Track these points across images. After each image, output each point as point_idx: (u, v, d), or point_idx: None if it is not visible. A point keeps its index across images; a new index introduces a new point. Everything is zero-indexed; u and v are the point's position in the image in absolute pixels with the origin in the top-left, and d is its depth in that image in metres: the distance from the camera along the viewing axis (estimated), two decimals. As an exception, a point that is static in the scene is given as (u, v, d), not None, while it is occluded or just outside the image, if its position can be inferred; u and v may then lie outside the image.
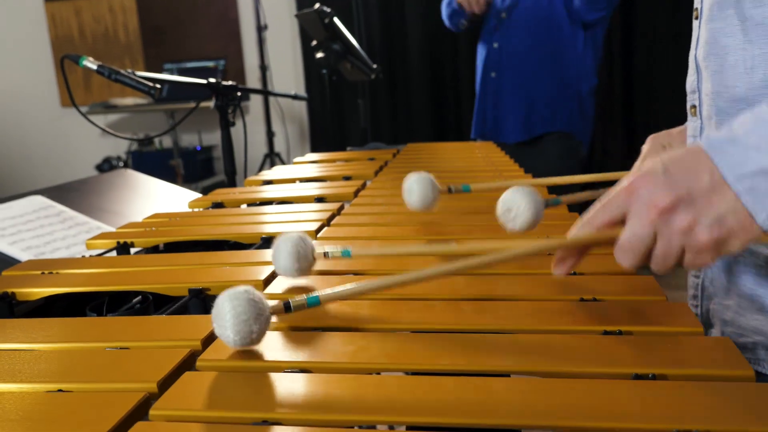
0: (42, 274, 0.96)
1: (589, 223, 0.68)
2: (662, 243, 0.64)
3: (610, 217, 0.67)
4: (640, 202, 0.64)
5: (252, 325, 0.62)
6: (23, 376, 0.63)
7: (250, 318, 0.62)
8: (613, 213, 0.67)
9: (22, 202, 1.59)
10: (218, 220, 1.23)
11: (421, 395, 0.55)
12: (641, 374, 0.57)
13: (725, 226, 0.62)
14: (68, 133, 5.00)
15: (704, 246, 0.63)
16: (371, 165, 1.68)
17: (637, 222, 0.64)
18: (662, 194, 0.63)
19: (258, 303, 0.63)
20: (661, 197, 0.63)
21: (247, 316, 0.62)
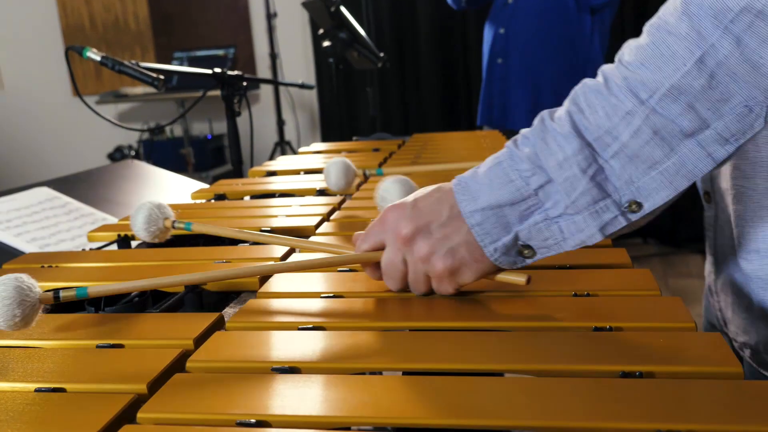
0: (42, 267, 0.97)
1: (357, 248, 0.77)
2: (410, 269, 0.72)
3: (371, 245, 0.75)
4: (390, 232, 0.72)
5: (15, 310, 0.67)
6: (16, 375, 0.63)
7: (14, 303, 0.67)
8: (374, 240, 0.75)
9: (28, 193, 1.60)
10: (219, 212, 1.23)
11: (408, 395, 0.55)
12: (628, 372, 0.57)
13: (457, 256, 0.69)
14: (80, 123, 5.02)
15: (441, 273, 0.70)
16: (375, 156, 1.68)
17: (389, 250, 0.73)
18: (405, 225, 0.70)
19: (25, 290, 0.68)
20: (404, 227, 0.70)
21: (10, 301, 0.67)
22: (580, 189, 0.64)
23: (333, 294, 0.78)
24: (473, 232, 0.68)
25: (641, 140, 0.62)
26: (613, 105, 0.63)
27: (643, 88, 0.62)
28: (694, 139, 0.62)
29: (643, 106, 0.62)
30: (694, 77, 0.60)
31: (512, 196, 0.66)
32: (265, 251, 0.96)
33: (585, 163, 0.63)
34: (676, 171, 0.63)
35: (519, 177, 0.66)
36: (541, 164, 0.65)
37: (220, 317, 0.74)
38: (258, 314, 0.74)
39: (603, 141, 0.63)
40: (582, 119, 0.64)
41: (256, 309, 0.76)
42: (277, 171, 1.59)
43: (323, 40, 2.49)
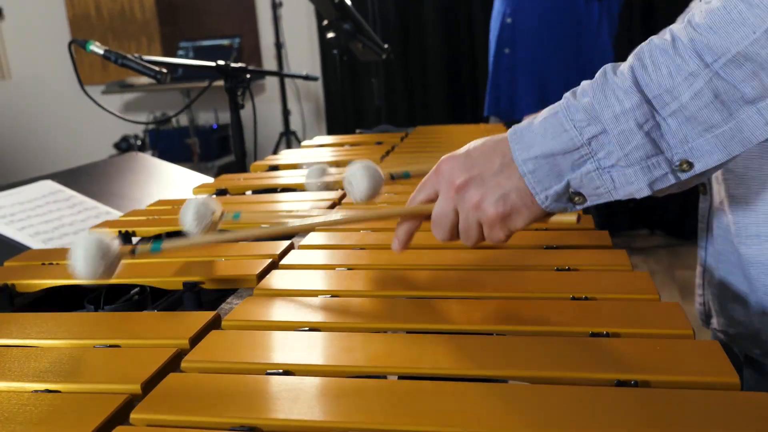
0: (42, 264, 0.97)
1: (411, 200, 0.80)
2: (462, 217, 0.75)
3: (425, 196, 0.78)
4: (443, 182, 0.75)
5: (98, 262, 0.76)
6: (13, 375, 0.64)
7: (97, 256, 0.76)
8: (428, 192, 0.78)
9: (32, 187, 1.60)
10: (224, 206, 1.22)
11: (399, 400, 0.55)
12: (624, 381, 0.56)
13: (509, 203, 0.71)
14: (87, 112, 4.99)
15: (493, 219, 0.72)
16: (378, 150, 1.68)
17: (441, 199, 0.75)
18: (459, 174, 0.73)
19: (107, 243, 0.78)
20: (457, 176, 0.73)
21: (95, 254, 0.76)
22: (634, 143, 0.65)
23: (330, 294, 0.78)
24: (525, 179, 0.70)
25: (701, 102, 0.63)
26: (677, 65, 0.64)
27: (709, 51, 0.62)
28: (755, 106, 0.62)
29: (708, 69, 0.62)
30: (762, 45, 0.60)
31: (565, 145, 0.67)
32: (263, 248, 0.95)
33: (642, 118, 0.65)
34: (731, 136, 0.64)
35: (573, 127, 0.67)
36: (597, 115, 0.66)
37: (217, 316, 0.74)
38: (254, 312, 0.74)
39: (662, 99, 0.64)
40: (644, 75, 0.65)
41: (253, 307, 0.76)
42: (280, 165, 1.59)
43: (327, 32, 2.48)
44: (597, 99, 0.66)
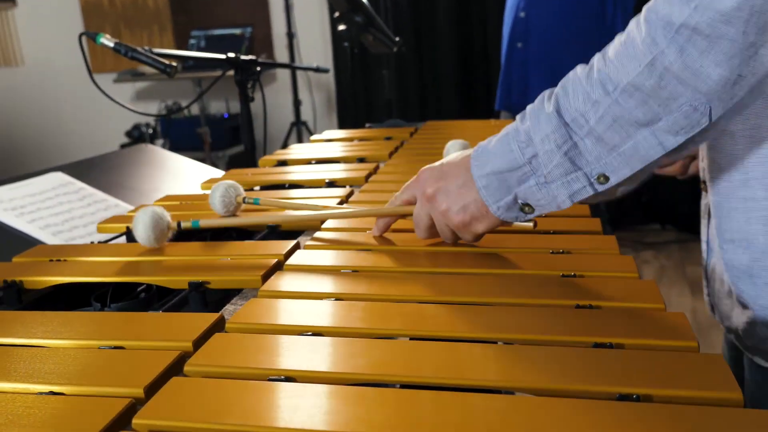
0: (50, 261, 0.98)
1: (393, 200, 0.95)
2: (436, 221, 0.88)
3: (406, 198, 0.92)
4: (419, 189, 0.88)
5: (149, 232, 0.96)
6: (18, 376, 0.64)
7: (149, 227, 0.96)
8: (408, 196, 0.92)
9: (42, 179, 1.61)
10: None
11: (397, 411, 0.55)
12: (625, 394, 0.56)
13: (468, 212, 0.84)
14: (99, 99, 5.02)
15: (457, 226, 0.85)
16: (387, 145, 1.67)
17: (418, 205, 0.89)
18: (431, 183, 0.86)
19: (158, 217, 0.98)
20: (429, 186, 0.86)
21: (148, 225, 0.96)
22: (554, 161, 0.76)
23: (335, 297, 0.78)
24: (480, 193, 0.82)
25: (604, 125, 0.73)
26: (587, 93, 0.74)
27: (609, 81, 0.72)
28: (649, 128, 0.71)
29: (608, 97, 0.72)
30: (646, 77, 0.69)
31: (511, 164, 0.79)
32: (268, 248, 0.96)
33: (561, 140, 0.75)
34: (631, 154, 0.73)
35: (517, 148, 0.78)
36: (532, 138, 0.77)
37: (221, 318, 0.74)
38: (258, 315, 0.74)
39: (578, 122, 0.74)
40: (565, 101, 0.75)
41: (257, 309, 0.76)
42: (288, 160, 1.59)
43: (339, 24, 2.47)
44: (532, 123, 0.77)
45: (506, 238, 0.95)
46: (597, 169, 0.75)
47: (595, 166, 0.75)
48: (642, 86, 0.69)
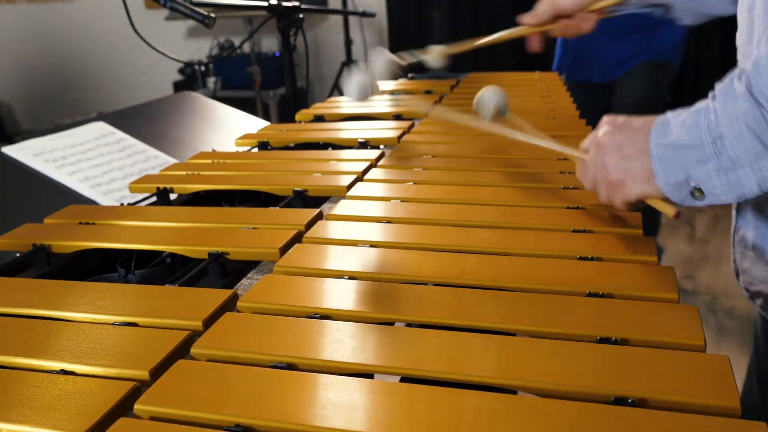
0: (79, 224, 1.00)
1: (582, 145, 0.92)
2: (595, 171, 0.86)
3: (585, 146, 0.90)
4: (595, 139, 0.86)
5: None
6: (34, 351, 0.66)
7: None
8: (586, 144, 0.90)
9: (84, 129, 1.64)
10: (258, 165, 1.23)
11: (393, 405, 0.56)
12: (621, 398, 0.55)
13: (629, 173, 0.80)
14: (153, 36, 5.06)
15: (610, 182, 0.83)
16: (425, 100, 1.65)
17: (590, 153, 0.87)
18: (607, 133, 0.83)
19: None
20: (604, 135, 0.83)
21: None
22: (744, 144, 0.70)
23: (348, 275, 0.78)
24: (653, 162, 0.77)
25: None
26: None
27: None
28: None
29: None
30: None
31: (695, 141, 0.73)
32: (290, 217, 0.96)
33: (753, 122, 0.69)
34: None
35: (706, 125, 0.73)
36: (719, 119, 0.72)
37: (234, 295, 0.75)
38: (269, 294, 0.75)
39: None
40: (757, 79, 0.69)
41: (270, 287, 0.77)
42: (325, 115, 1.58)
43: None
44: (720, 103, 0.72)
45: (532, 212, 0.94)
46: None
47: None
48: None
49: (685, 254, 3.33)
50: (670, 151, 0.76)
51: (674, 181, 0.76)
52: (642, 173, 0.79)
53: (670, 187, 0.77)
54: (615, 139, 0.82)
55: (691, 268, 3.20)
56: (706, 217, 3.67)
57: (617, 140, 0.81)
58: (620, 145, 0.81)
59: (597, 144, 0.84)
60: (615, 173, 0.81)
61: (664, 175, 0.77)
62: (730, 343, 2.57)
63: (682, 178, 0.75)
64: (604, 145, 0.83)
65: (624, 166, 0.80)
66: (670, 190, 0.77)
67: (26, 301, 0.77)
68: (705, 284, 3.05)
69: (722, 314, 2.80)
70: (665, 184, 0.77)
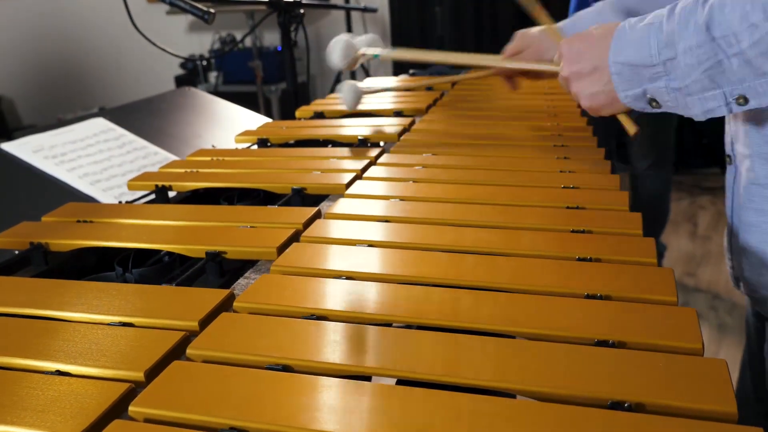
0: (77, 222, 1.00)
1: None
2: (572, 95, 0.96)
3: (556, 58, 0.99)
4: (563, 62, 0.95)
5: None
6: (29, 352, 0.66)
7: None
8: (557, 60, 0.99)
9: (84, 125, 1.63)
10: (257, 162, 1.23)
11: (389, 409, 0.55)
12: (618, 402, 0.55)
13: (597, 100, 0.90)
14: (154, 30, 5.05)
15: (587, 108, 0.93)
16: (426, 97, 1.64)
17: (560, 74, 0.97)
18: (568, 65, 0.93)
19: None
20: (566, 67, 0.93)
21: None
22: (693, 77, 0.76)
23: (346, 276, 0.78)
24: (612, 78, 0.86)
25: (757, 51, 0.71)
26: (746, 12, 0.71)
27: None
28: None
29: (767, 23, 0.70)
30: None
31: (645, 60, 0.81)
32: (288, 216, 0.96)
33: (704, 56, 0.74)
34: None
35: (656, 45, 0.79)
36: (674, 42, 0.77)
37: (230, 295, 0.75)
38: (266, 294, 0.75)
39: (728, 40, 0.72)
40: (719, 15, 0.73)
41: (266, 287, 0.76)
42: (325, 111, 1.57)
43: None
44: (679, 27, 0.76)
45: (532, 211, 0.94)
46: (738, 90, 0.75)
47: (736, 87, 0.74)
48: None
49: (687, 251, 3.32)
50: (625, 68, 0.83)
51: (633, 95, 0.85)
52: (608, 95, 0.88)
53: (630, 99, 0.86)
54: (574, 71, 0.91)
55: (693, 265, 3.19)
56: (708, 214, 3.66)
57: (576, 71, 0.90)
58: (580, 75, 0.90)
59: (562, 77, 0.95)
60: (586, 102, 0.92)
61: (623, 89, 0.85)
62: (731, 341, 2.56)
63: (639, 92, 0.84)
64: (568, 78, 0.93)
65: (591, 94, 0.90)
66: (631, 101, 0.86)
67: (23, 300, 0.77)
68: (707, 281, 3.05)
69: (723, 312, 2.79)
70: (625, 96, 0.86)
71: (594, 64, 0.87)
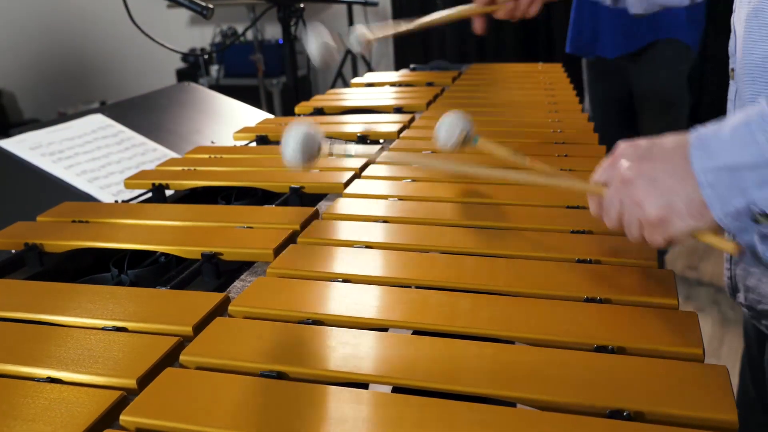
0: (73, 222, 0.99)
1: (590, 180, 0.76)
2: (624, 211, 0.71)
3: (602, 178, 0.74)
4: (615, 170, 0.71)
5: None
6: (21, 358, 0.65)
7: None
8: (605, 175, 0.73)
9: (82, 121, 1.62)
10: (255, 160, 1.22)
11: (385, 417, 0.54)
12: (616, 410, 0.54)
13: (673, 210, 0.66)
14: (155, 24, 5.03)
15: (651, 222, 0.68)
16: (426, 93, 1.63)
17: (611, 186, 0.72)
18: (630, 166, 0.69)
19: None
20: (627, 169, 0.69)
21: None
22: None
23: (342, 278, 0.77)
24: (703, 191, 0.64)
25: None
26: None
27: None
28: None
29: None
30: None
31: (754, 159, 0.61)
32: (285, 216, 0.95)
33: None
34: None
35: (766, 139, 0.61)
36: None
37: (225, 298, 0.74)
38: (261, 298, 0.74)
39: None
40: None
41: (262, 290, 0.75)
42: (324, 108, 1.56)
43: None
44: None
45: (531, 211, 0.92)
46: None
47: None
48: None
49: (689, 245, 3.31)
50: (724, 175, 0.63)
51: (734, 210, 0.64)
52: (690, 206, 0.65)
53: (730, 218, 0.64)
54: (645, 171, 0.68)
55: (695, 258, 3.18)
56: (711, 207, 3.65)
57: (648, 172, 0.68)
58: (654, 178, 0.67)
59: (622, 180, 0.70)
60: (655, 211, 0.67)
61: (720, 204, 0.64)
62: (732, 335, 2.55)
63: (742, 205, 0.63)
64: (631, 181, 0.69)
65: (665, 202, 0.66)
66: (729, 220, 0.65)
67: (15, 303, 0.76)
68: (709, 275, 3.03)
69: (725, 306, 2.78)
70: (724, 215, 0.64)
71: (675, 168, 0.66)
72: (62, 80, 5.46)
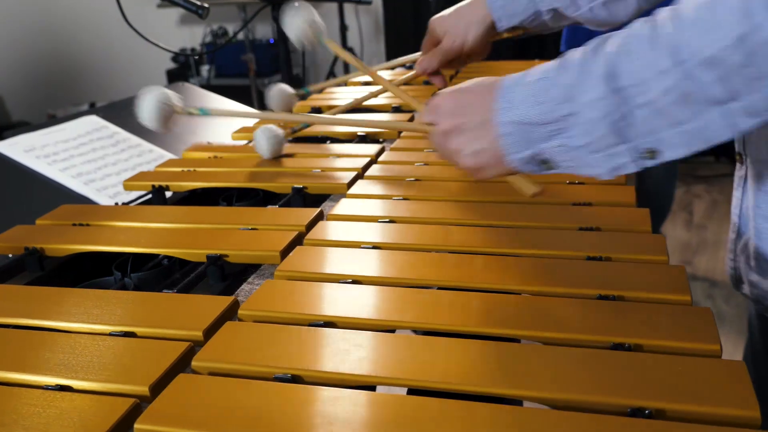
0: (73, 225, 0.97)
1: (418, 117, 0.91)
2: (446, 155, 0.81)
3: (426, 120, 0.83)
4: (437, 118, 0.80)
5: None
6: (28, 366, 0.64)
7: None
8: (428, 119, 0.82)
9: (76, 123, 1.60)
10: (255, 160, 1.21)
11: (401, 420, 0.54)
12: (638, 408, 0.54)
13: (481, 158, 0.76)
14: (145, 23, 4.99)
15: (467, 168, 0.78)
16: (423, 91, 1.62)
17: (433, 132, 0.81)
18: (447, 119, 0.78)
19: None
20: (443, 121, 0.79)
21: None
22: (598, 132, 0.67)
23: (352, 279, 0.76)
24: (500, 142, 0.73)
25: (669, 99, 0.63)
26: (652, 59, 0.63)
27: (683, 50, 0.62)
28: (722, 107, 0.62)
29: (679, 68, 0.62)
30: (731, 52, 0.59)
31: (540, 117, 0.70)
32: (290, 217, 0.94)
33: (608, 108, 0.66)
34: (696, 133, 0.64)
35: (551, 100, 0.69)
36: (573, 96, 0.68)
37: (234, 302, 0.73)
38: (270, 301, 0.73)
39: (633, 90, 0.65)
40: (621, 64, 0.65)
41: (270, 293, 0.74)
42: (322, 107, 1.55)
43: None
44: (578, 79, 0.68)
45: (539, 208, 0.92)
46: (647, 143, 0.66)
47: (646, 139, 0.66)
48: (725, 61, 0.59)
49: (683, 240, 3.32)
50: (516, 128, 0.72)
51: (522, 158, 0.73)
52: (494, 155, 0.74)
53: (519, 163, 0.74)
54: (457, 125, 0.77)
55: (689, 253, 3.19)
56: (704, 202, 3.66)
57: (459, 125, 0.77)
58: (463, 130, 0.77)
59: (441, 131, 0.79)
60: (468, 161, 0.77)
61: (512, 152, 0.73)
62: (728, 329, 2.56)
63: (529, 154, 0.72)
64: (448, 132, 0.78)
65: (474, 152, 0.76)
66: (520, 164, 0.74)
67: (19, 309, 0.75)
68: (703, 270, 3.04)
69: (720, 300, 2.79)
70: (513, 159, 0.73)
71: (483, 117, 0.74)
72: (51, 82, 5.42)
